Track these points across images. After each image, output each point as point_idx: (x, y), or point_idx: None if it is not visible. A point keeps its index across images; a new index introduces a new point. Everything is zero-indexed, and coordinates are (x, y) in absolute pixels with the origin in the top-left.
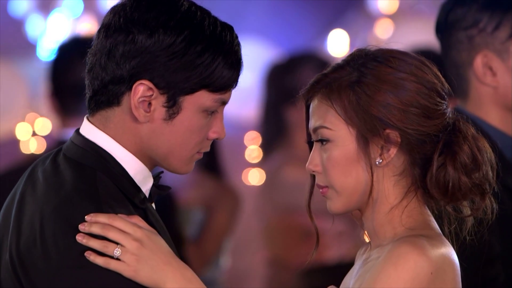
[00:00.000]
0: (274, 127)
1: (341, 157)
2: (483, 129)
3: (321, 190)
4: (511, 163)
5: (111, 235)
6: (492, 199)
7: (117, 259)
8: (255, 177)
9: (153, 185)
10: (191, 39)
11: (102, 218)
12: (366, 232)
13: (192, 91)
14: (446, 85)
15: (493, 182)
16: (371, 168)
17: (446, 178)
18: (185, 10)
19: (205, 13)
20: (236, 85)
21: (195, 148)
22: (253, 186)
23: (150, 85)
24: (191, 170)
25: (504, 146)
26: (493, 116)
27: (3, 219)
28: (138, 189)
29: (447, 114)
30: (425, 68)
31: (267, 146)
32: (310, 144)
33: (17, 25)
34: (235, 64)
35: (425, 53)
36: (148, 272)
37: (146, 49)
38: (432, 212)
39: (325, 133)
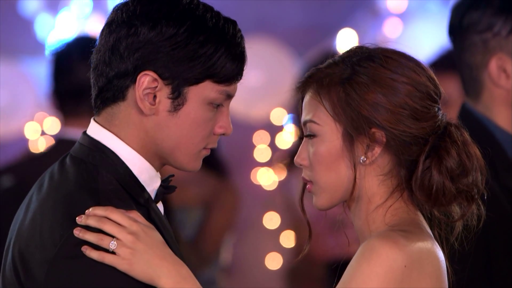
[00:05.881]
0: None
1: (326, 153)
2: (489, 129)
3: (307, 186)
4: None
5: (107, 227)
6: (481, 206)
7: (113, 252)
8: (263, 177)
9: (161, 185)
10: (193, 29)
11: (99, 210)
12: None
13: (196, 81)
14: (440, 88)
15: (482, 188)
16: (354, 166)
17: (430, 182)
18: (187, 3)
19: (207, 7)
20: (240, 78)
21: (201, 142)
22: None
23: (155, 75)
24: (199, 168)
25: (509, 147)
26: (502, 117)
27: (14, 223)
28: (142, 188)
29: (438, 118)
30: (420, 70)
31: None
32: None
33: (26, 24)
34: (238, 56)
35: None
36: (143, 266)
37: (149, 41)
38: (425, 216)
39: (313, 127)
